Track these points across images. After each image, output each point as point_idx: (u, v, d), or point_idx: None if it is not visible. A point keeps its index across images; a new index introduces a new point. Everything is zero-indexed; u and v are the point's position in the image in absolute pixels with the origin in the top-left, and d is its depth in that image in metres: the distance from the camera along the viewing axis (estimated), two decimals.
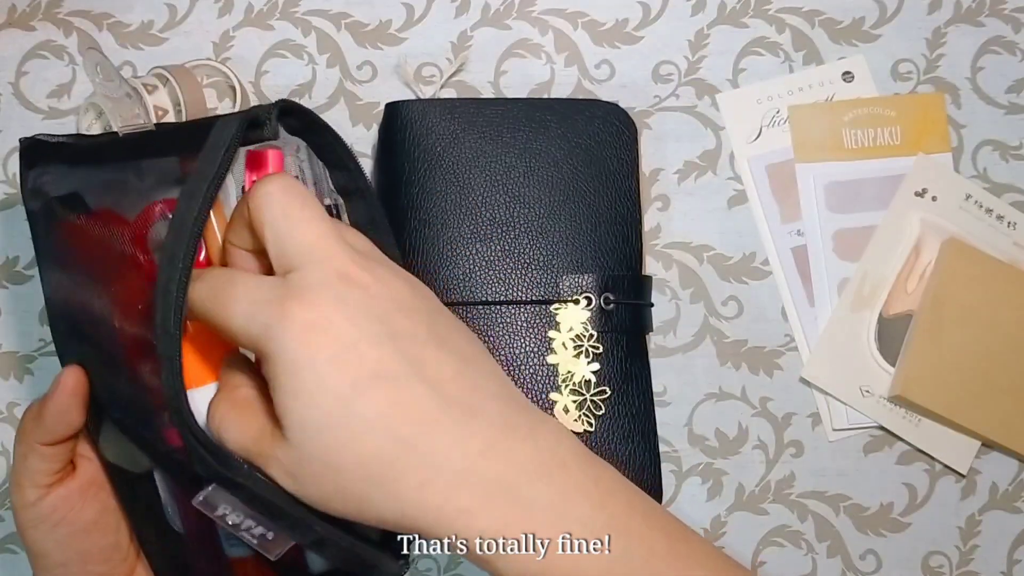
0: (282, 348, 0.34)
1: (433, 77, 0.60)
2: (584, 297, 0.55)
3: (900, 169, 0.60)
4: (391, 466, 0.34)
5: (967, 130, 0.61)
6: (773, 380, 0.59)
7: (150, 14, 0.60)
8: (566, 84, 0.61)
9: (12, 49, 0.60)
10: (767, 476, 0.58)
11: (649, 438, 0.55)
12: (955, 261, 0.58)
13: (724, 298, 0.59)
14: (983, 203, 0.60)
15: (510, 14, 0.61)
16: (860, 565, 0.58)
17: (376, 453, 0.34)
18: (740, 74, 0.61)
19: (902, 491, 0.58)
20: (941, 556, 0.58)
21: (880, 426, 0.58)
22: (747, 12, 0.61)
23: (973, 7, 0.62)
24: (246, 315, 0.35)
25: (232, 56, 0.60)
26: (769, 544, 0.58)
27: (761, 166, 0.60)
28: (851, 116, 0.61)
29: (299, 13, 0.61)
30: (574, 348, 0.54)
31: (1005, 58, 0.62)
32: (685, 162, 0.60)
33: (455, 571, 0.57)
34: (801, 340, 0.59)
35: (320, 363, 0.34)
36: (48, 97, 0.59)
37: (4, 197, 0.59)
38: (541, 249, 0.55)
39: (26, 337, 0.58)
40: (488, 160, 0.56)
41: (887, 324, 0.59)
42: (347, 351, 0.34)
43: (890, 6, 0.62)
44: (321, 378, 0.34)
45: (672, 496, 0.58)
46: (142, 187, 0.40)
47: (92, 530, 0.43)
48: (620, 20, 0.61)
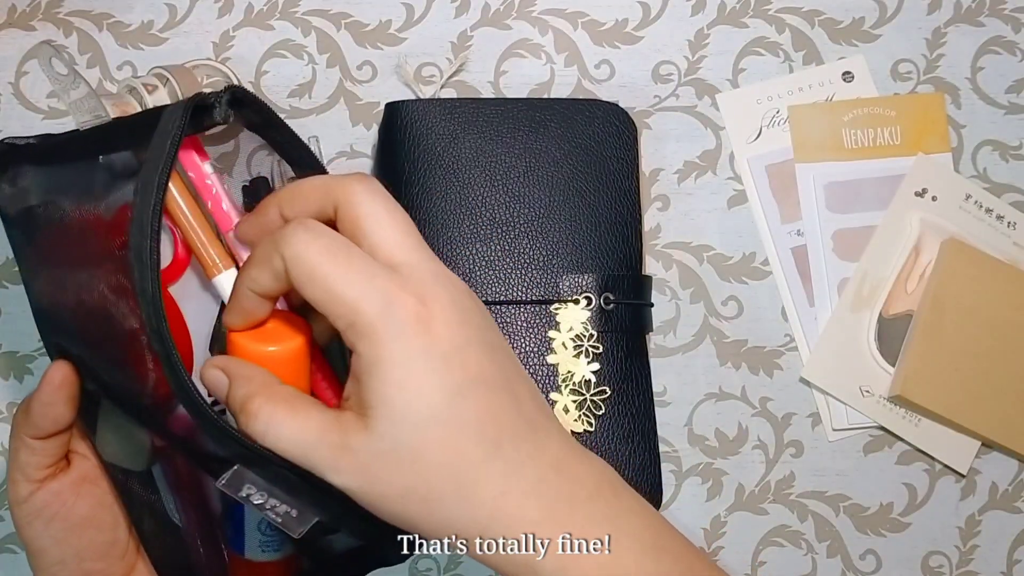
0: (395, 335, 0.34)
1: (433, 77, 0.60)
2: (584, 297, 0.55)
3: (900, 169, 0.60)
4: (478, 468, 0.34)
5: (967, 130, 0.61)
6: (773, 380, 0.59)
7: (150, 14, 0.60)
8: (566, 84, 0.61)
9: (12, 49, 0.60)
10: (767, 476, 0.58)
11: (649, 438, 0.55)
12: (955, 261, 0.58)
13: (724, 298, 0.59)
14: (983, 203, 0.60)
15: (510, 14, 0.61)
16: (860, 565, 0.58)
17: (468, 453, 0.34)
18: (740, 74, 0.61)
19: (902, 491, 0.58)
20: (941, 556, 0.58)
21: (880, 426, 0.58)
22: (747, 12, 0.61)
23: (973, 7, 0.62)
24: (364, 287, 0.34)
25: (232, 56, 0.60)
26: (769, 544, 0.58)
27: (761, 166, 0.60)
28: (851, 116, 0.61)
29: (299, 13, 0.61)
30: (574, 348, 0.54)
31: (1005, 58, 0.62)
32: (685, 162, 0.60)
33: (455, 571, 0.57)
34: (801, 340, 0.59)
35: (434, 357, 0.34)
36: (48, 97, 0.59)
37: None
38: (541, 249, 0.55)
39: (26, 337, 0.58)
40: (488, 160, 0.56)
41: (887, 324, 0.59)
42: (458, 352, 0.35)
43: (890, 6, 0.62)
44: (433, 372, 0.34)
45: (672, 496, 0.58)
46: (111, 182, 0.39)
47: (87, 526, 0.43)
48: (620, 20, 0.61)
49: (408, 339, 0.34)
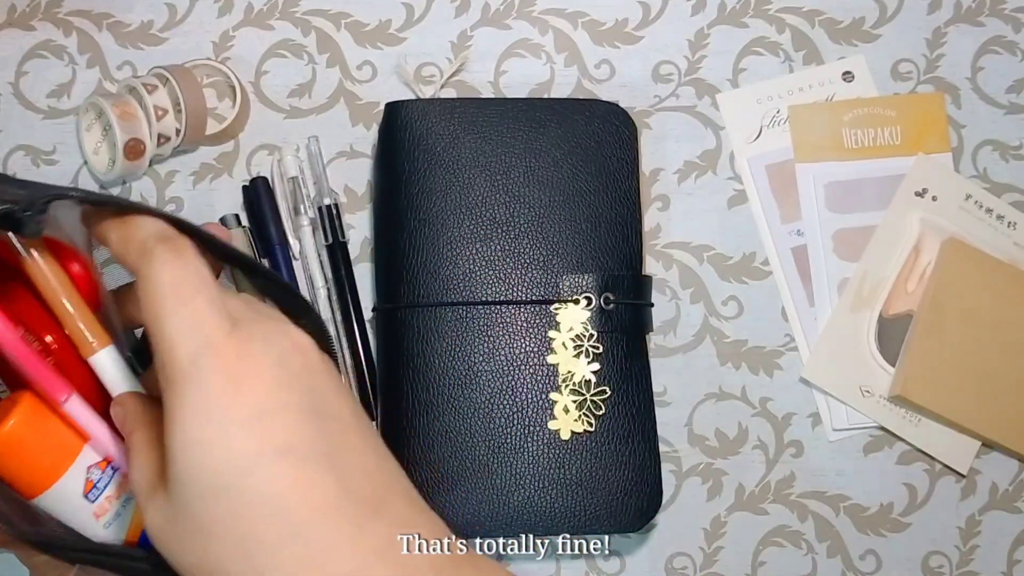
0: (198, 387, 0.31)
1: (433, 77, 0.60)
2: (584, 297, 0.55)
3: (900, 169, 0.60)
4: (272, 554, 0.31)
5: (967, 130, 0.61)
6: (773, 380, 0.59)
7: (150, 14, 0.60)
8: (566, 84, 0.61)
9: (12, 49, 0.60)
10: (767, 476, 0.58)
11: (649, 438, 0.54)
12: (955, 261, 0.58)
13: (724, 298, 0.59)
14: (983, 203, 0.60)
15: (510, 14, 0.61)
16: (860, 565, 0.58)
17: (261, 535, 0.31)
18: (740, 74, 0.61)
19: (902, 491, 0.58)
20: (941, 556, 0.58)
21: (880, 426, 0.58)
22: (747, 12, 0.61)
23: (973, 7, 0.62)
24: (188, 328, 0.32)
25: (232, 56, 0.60)
26: (769, 544, 0.58)
27: (761, 166, 0.60)
28: (851, 116, 0.61)
29: (299, 13, 0.60)
30: (574, 348, 0.54)
31: (1005, 58, 0.62)
32: (685, 162, 0.60)
33: None
34: (801, 340, 0.59)
35: (233, 421, 0.31)
36: (48, 97, 0.59)
37: None
38: (541, 249, 0.55)
39: None
40: (488, 160, 0.56)
41: (887, 324, 0.59)
42: (265, 417, 0.31)
43: (890, 6, 0.62)
44: (229, 436, 0.31)
45: (672, 496, 0.58)
46: None
47: None
48: (620, 20, 0.61)
49: (211, 395, 0.31)
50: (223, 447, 0.31)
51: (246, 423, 0.31)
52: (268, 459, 0.31)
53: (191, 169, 0.59)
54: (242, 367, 0.32)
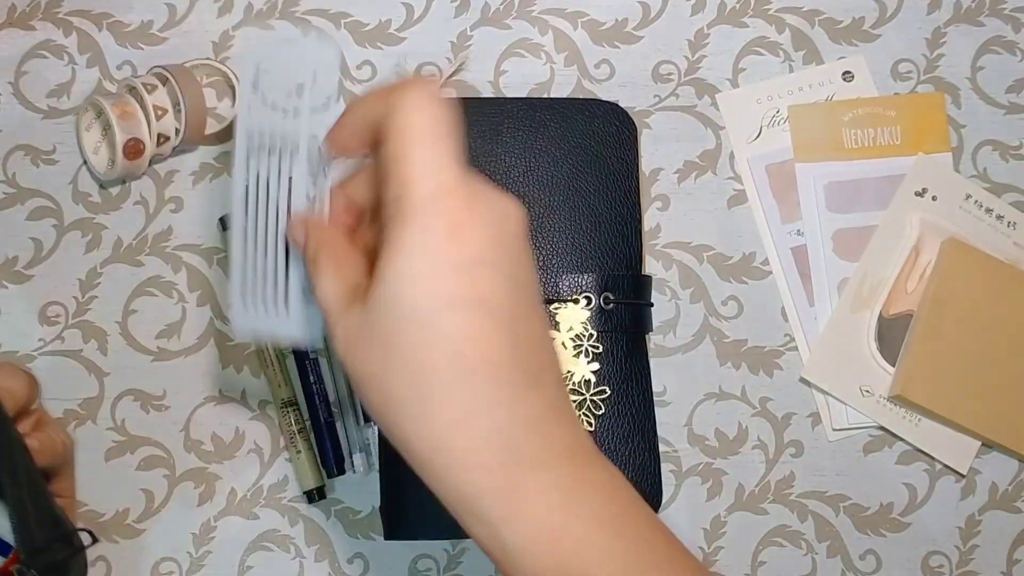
0: (423, 226, 0.34)
1: (433, 77, 0.60)
2: (584, 297, 0.55)
3: (900, 169, 0.60)
4: (442, 388, 0.33)
5: (967, 130, 0.61)
6: (773, 380, 0.59)
7: (150, 14, 0.60)
8: (566, 84, 0.61)
9: (12, 49, 0.60)
10: (767, 476, 0.58)
11: (649, 438, 0.54)
12: (955, 261, 0.58)
13: (724, 298, 0.59)
14: (983, 203, 0.60)
15: (510, 13, 0.61)
16: (860, 565, 0.58)
17: (437, 367, 0.33)
18: (740, 74, 0.61)
19: (902, 491, 0.58)
20: (941, 556, 0.58)
21: (880, 426, 0.58)
22: (747, 12, 0.61)
23: (973, 7, 0.62)
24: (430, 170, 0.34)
25: (232, 56, 0.60)
26: (769, 544, 0.58)
27: (761, 166, 0.60)
28: (851, 116, 0.61)
29: (299, 12, 0.61)
30: (574, 348, 0.54)
31: (1005, 58, 0.62)
32: (685, 162, 0.60)
33: (455, 571, 0.57)
34: (801, 340, 0.59)
35: (445, 263, 0.33)
36: (48, 97, 0.59)
37: (4, 197, 0.59)
38: (541, 249, 0.55)
39: (26, 337, 0.58)
40: (488, 160, 0.56)
41: (887, 324, 0.59)
42: (473, 267, 0.34)
43: (890, 6, 0.62)
44: (436, 277, 0.33)
45: (672, 496, 0.58)
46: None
47: None
48: (620, 20, 0.61)
49: (431, 235, 0.34)
50: (431, 284, 0.33)
51: (456, 268, 0.34)
52: (463, 305, 0.34)
53: (191, 169, 0.59)
54: (466, 217, 0.34)
